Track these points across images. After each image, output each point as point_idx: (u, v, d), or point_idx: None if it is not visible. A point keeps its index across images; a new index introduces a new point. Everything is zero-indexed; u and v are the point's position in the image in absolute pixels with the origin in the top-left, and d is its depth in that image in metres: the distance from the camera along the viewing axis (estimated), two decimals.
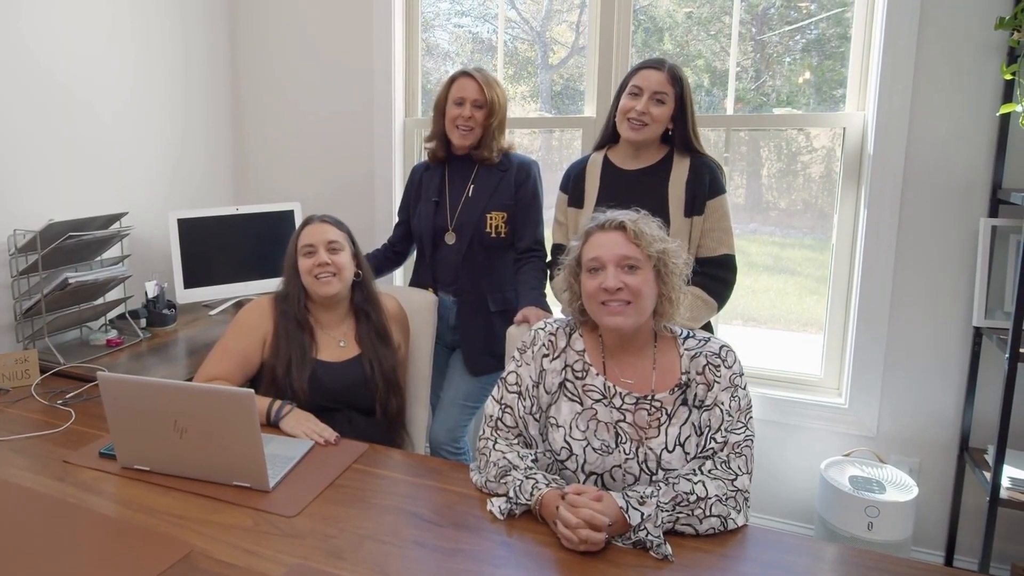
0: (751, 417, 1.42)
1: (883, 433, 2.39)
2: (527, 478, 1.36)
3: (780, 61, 2.57)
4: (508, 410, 1.49)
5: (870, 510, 2.12)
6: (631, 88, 1.93)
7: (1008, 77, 2.05)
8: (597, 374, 1.46)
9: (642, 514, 1.25)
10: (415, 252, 2.40)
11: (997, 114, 2.12)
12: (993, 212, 2.17)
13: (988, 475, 1.99)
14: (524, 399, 1.49)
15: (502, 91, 2.21)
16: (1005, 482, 1.96)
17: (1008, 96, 2.10)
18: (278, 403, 1.72)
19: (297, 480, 1.45)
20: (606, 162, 2.04)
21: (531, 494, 1.33)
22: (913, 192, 2.27)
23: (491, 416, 1.51)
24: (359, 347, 1.88)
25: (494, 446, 1.46)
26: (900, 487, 2.19)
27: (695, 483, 1.32)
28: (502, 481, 1.39)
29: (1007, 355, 1.88)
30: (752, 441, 1.40)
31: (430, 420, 2.25)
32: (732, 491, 1.33)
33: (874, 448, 2.37)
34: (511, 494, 1.35)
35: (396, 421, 1.90)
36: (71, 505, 1.34)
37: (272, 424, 1.69)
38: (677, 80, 1.91)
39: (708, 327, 1.99)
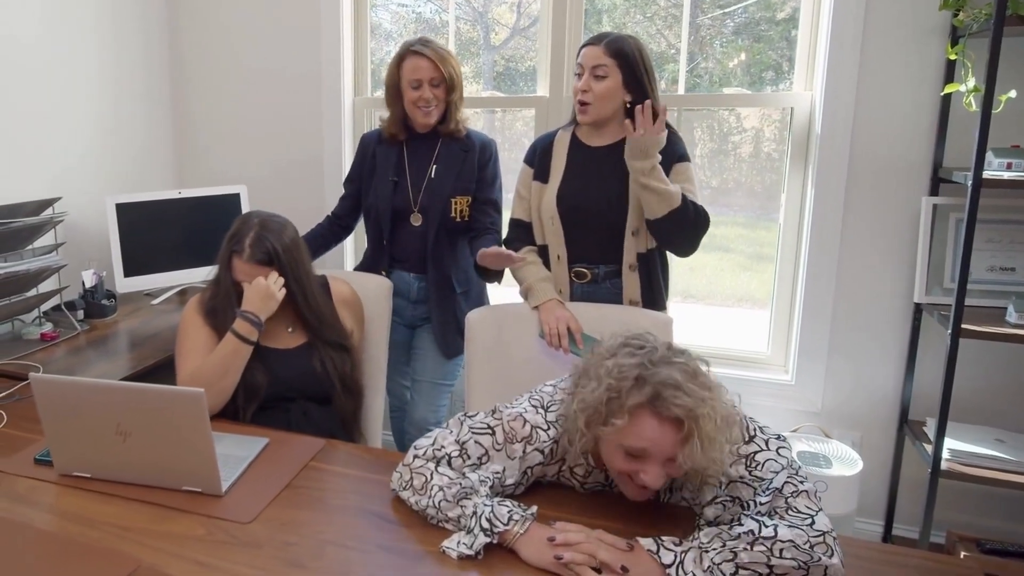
0: (783, 466, 1.21)
1: (827, 408, 2.45)
2: (499, 504, 1.21)
3: (711, 44, 2.61)
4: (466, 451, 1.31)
5: (818, 484, 2.17)
6: (576, 68, 1.94)
7: (952, 57, 2.08)
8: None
9: (675, 554, 1.11)
10: (366, 232, 2.34)
11: (941, 94, 2.16)
12: (934, 191, 2.23)
13: (928, 447, 2.06)
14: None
15: (455, 61, 2.16)
16: (945, 454, 2.03)
17: (951, 76, 2.14)
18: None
19: (251, 482, 1.40)
20: (574, 138, 2.03)
21: (509, 519, 1.18)
22: (858, 171, 2.31)
23: (441, 448, 1.31)
24: (306, 335, 1.82)
25: (437, 468, 1.29)
26: (845, 461, 2.26)
27: (765, 526, 1.11)
28: (460, 503, 1.22)
29: (949, 331, 1.94)
30: (803, 478, 1.18)
31: (387, 408, 2.22)
32: (816, 536, 1.08)
33: (819, 423, 2.44)
34: (482, 523, 1.18)
35: (351, 421, 1.86)
36: (4, 519, 1.26)
37: None
38: (618, 52, 1.88)
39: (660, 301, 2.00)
